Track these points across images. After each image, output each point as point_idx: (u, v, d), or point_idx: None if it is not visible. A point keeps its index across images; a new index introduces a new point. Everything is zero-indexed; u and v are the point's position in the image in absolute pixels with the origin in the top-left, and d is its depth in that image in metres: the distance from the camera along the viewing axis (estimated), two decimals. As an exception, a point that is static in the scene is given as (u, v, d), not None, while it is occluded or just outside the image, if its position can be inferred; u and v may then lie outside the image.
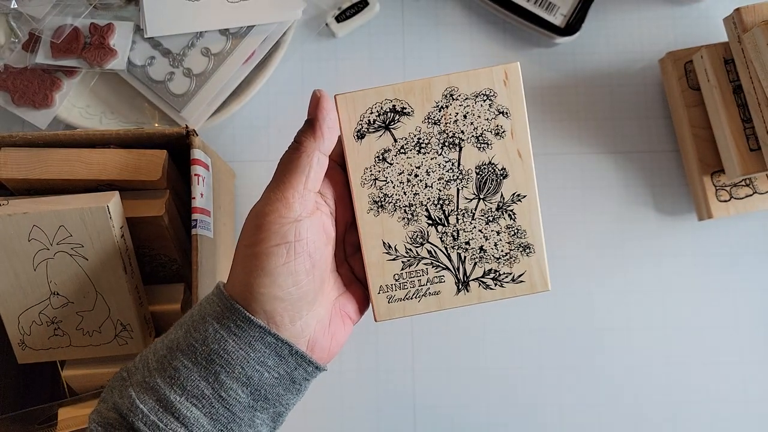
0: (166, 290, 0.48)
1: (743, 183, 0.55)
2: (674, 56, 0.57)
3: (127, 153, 0.44)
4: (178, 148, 0.46)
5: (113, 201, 0.41)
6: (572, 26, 0.57)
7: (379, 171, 0.34)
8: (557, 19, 0.58)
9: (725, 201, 0.55)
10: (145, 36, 0.54)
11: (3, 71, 0.54)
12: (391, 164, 0.34)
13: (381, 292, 0.35)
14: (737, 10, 0.49)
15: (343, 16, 0.59)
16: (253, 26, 0.55)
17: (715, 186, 0.55)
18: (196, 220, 0.43)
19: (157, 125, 0.57)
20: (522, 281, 0.35)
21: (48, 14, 0.54)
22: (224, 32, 0.55)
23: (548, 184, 0.59)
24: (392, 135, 0.34)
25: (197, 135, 0.44)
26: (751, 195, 0.55)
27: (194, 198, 0.44)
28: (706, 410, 0.57)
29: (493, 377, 0.58)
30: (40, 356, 0.44)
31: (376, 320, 0.35)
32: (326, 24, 0.59)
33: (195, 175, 0.44)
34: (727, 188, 0.55)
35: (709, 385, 0.57)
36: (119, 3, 0.55)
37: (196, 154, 0.44)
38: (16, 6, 0.53)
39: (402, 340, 0.58)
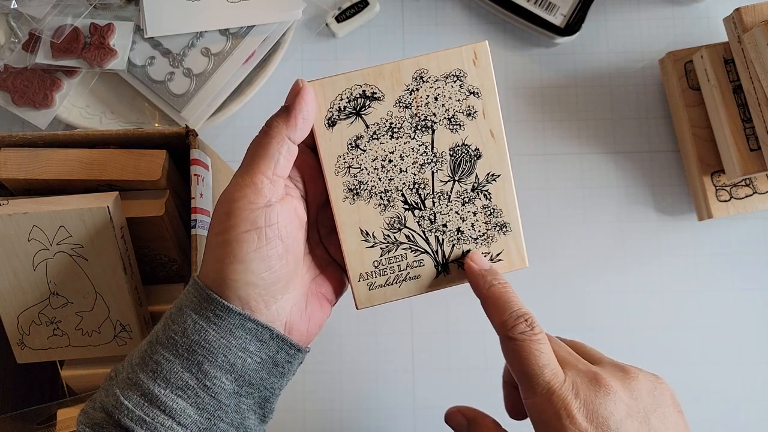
0: (165, 290, 0.48)
1: (743, 183, 0.55)
2: (674, 56, 0.57)
3: (127, 153, 0.44)
4: (178, 148, 0.46)
5: (113, 201, 0.41)
6: (572, 26, 0.57)
7: (353, 158, 0.34)
8: (557, 19, 0.58)
9: (725, 201, 0.55)
10: (145, 36, 0.54)
11: (3, 71, 0.54)
12: (365, 151, 0.34)
13: (361, 279, 0.35)
14: (737, 10, 0.49)
15: (343, 16, 0.59)
16: (253, 26, 0.55)
17: (715, 186, 0.55)
18: (195, 220, 0.43)
19: (157, 125, 0.57)
20: (500, 260, 0.36)
21: (48, 14, 0.54)
22: (224, 32, 0.55)
23: (548, 184, 0.59)
24: (364, 121, 0.34)
25: (197, 135, 0.44)
26: (751, 195, 0.55)
27: (194, 198, 0.44)
28: (706, 410, 0.57)
29: (493, 377, 0.58)
30: (39, 356, 0.44)
31: (357, 308, 0.35)
32: (326, 24, 0.59)
33: (195, 175, 0.44)
34: (727, 188, 0.55)
35: (709, 385, 0.57)
36: (119, 3, 0.55)
37: (196, 154, 0.44)
38: (16, 6, 0.53)
39: (402, 340, 0.58)
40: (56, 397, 0.50)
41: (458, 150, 0.35)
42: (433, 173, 0.35)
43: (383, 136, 0.34)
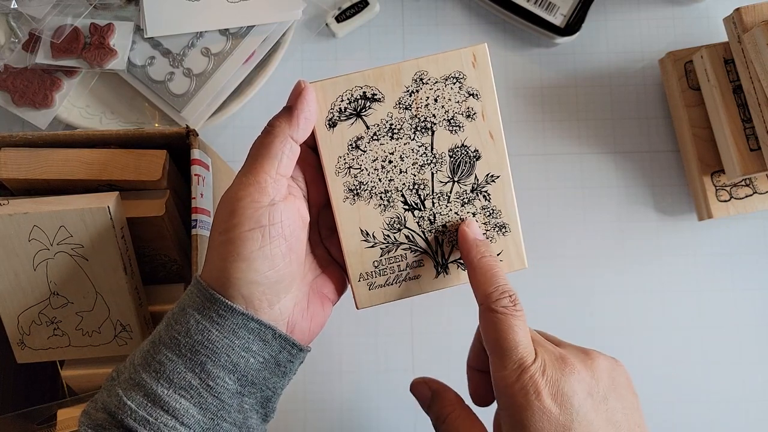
0: (166, 290, 0.48)
1: (743, 183, 0.55)
2: (674, 56, 0.57)
3: (127, 153, 0.44)
4: (178, 148, 0.46)
5: (114, 201, 0.41)
6: (572, 26, 0.57)
7: (353, 159, 0.34)
8: (557, 19, 0.58)
9: (725, 201, 0.55)
10: (145, 36, 0.54)
11: (3, 71, 0.54)
12: (365, 152, 0.34)
13: (361, 279, 0.35)
14: (737, 10, 0.49)
15: (343, 16, 0.59)
16: (253, 26, 0.55)
17: (715, 186, 0.55)
18: (196, 220, 0.43)
19: (157, 125, 0.57)
20: (500, 260, 0.36)
21: (48, 14, 0.54)
22: (224, 32, 0.55)
23: (548, 184, 0.59)
24: (364, 122, 0.34)
25: (197, 135, 0.44)
26: (751, 195, 0.55)
27: (194, 198, 0.44)
28: (706, 410, 0.57)
29: (493, 377, 0.58)
30: (39, 356, 0.44)
31: (357, 308, 0.36)
32: (326, 24, 0.59)
33: (195, 175, 0.44)
34: (727, 188, 0.55)
35: (709, 385, 0.57)
36: (119, 3, 0.55)
37: (196, 154, 0.44)
38: (16, 6, 0.53)
39: (402, 340, 0.58)
40: (56, 397, 0.50)
41: (458, 151, 0.35)
42: (432, 174, 0.35)
43: (383, 137, 0.34)
